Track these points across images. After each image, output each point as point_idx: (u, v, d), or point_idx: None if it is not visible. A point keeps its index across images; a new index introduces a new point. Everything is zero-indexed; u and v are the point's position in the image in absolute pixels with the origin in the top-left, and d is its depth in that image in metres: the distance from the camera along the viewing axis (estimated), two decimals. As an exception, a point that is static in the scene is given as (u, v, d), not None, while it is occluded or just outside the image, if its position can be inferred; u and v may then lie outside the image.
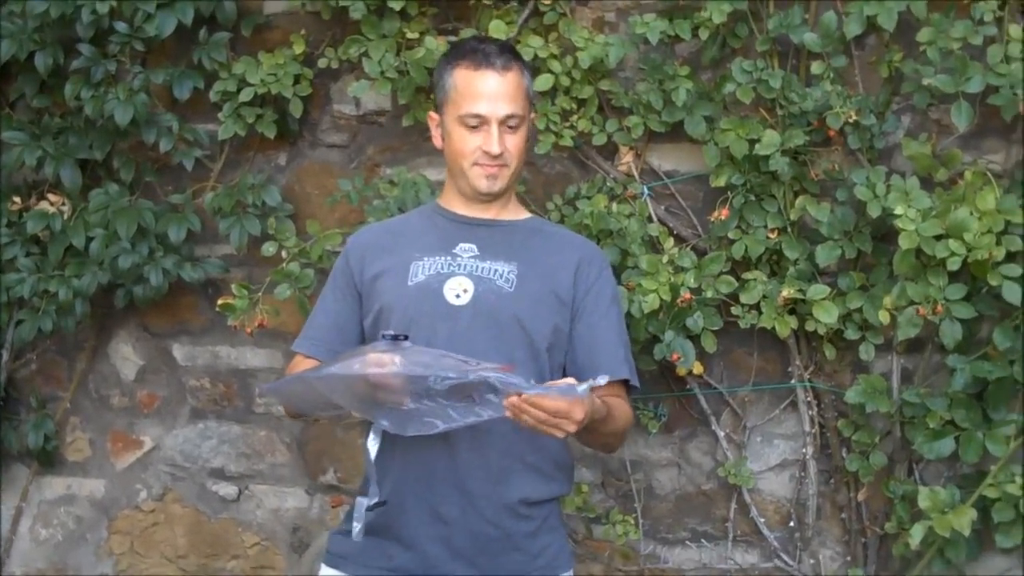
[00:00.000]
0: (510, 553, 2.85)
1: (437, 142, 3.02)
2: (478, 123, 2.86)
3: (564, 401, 2.49)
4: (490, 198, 2.94)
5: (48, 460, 4.45)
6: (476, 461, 2.81)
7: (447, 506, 2.81)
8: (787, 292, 3.50)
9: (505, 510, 2.83)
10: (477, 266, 2.86)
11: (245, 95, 3.94)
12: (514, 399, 2.48)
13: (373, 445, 2.68)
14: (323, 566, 2.97)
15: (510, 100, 2.87)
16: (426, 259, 2.89)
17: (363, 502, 2.69)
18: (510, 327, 2.81)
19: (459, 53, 2.95)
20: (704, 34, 3.58)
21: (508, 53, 2.93)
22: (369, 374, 2.54)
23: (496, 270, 2.86)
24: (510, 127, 2.88)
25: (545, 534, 2.90)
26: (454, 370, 2.49)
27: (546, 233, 3.03)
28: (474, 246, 2.91)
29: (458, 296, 2.83)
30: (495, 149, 2.85)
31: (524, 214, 3.07)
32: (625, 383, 2.93)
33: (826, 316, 3.48)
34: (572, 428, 2.53)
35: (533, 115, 3.08)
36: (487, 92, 2.86)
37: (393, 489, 2.81)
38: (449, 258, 2.89)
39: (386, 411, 2.58)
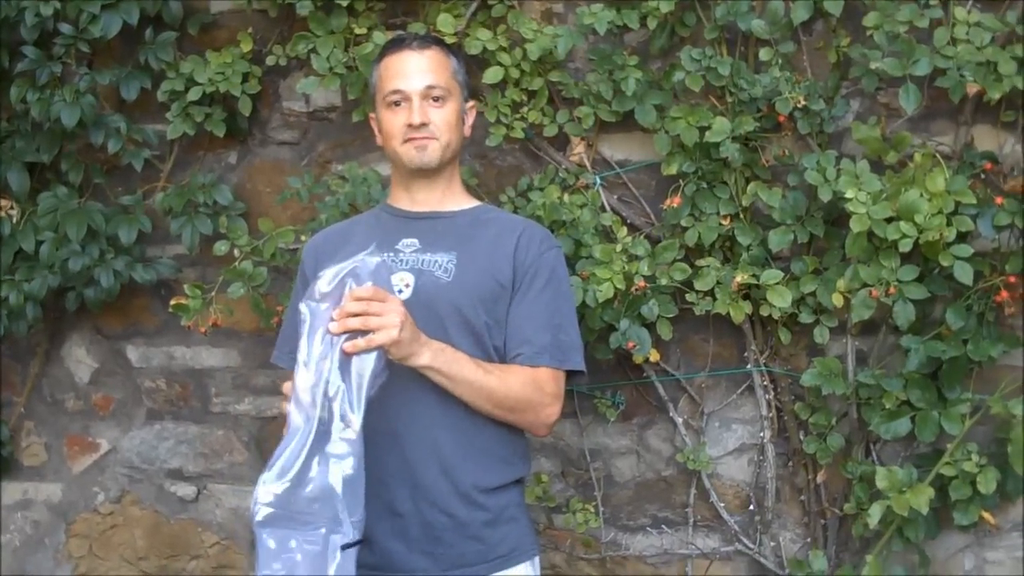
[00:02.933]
0: (466, 542, 2.85)
1: (378, 140, 3.06)
2: (400, 99, 2.92)
3: (371, 288, 2.55)
4: (427, 174, 2.96)
5: (3, 466, 4.42)
6: (425, 453, 2.82)
7: (400, 500, 2.82)
8: (741, 278, 3.52)
9: (457, 498, 2.83)
10: (419, 259, 2.87)
11: (193, 94, 3.92)
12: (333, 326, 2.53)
13: (337, 477, 2.56)
14: None
15: (430, 71, 2.93)
16: None
17: (336, 541, 2.56)
18: (450, 316, 2.83)
19: (383, 49, 3.04)
20: (652, 23, 3.59)
21: (428, 39, 3.01)
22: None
23: (436, 261, 2.88)
24: (434, 99, 2.92)
25: (504, 524, 2.90)
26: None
27: (488, 220, 3.03)
28: (416, 240, 2.93)
29: (400, 292, 2.83)
30: (416, 119, 2.89)
31: (469, 203, 3.07)
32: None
33: (780, 300, 3.50)
34: (396, 320, 2.56)
35: (471, 103, 3.08)
36: (404, 69, 2.93)
37: None
38: (392, 254, 2.90)
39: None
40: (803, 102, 3.46)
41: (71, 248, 3.97)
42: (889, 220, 3.30)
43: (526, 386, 2.84)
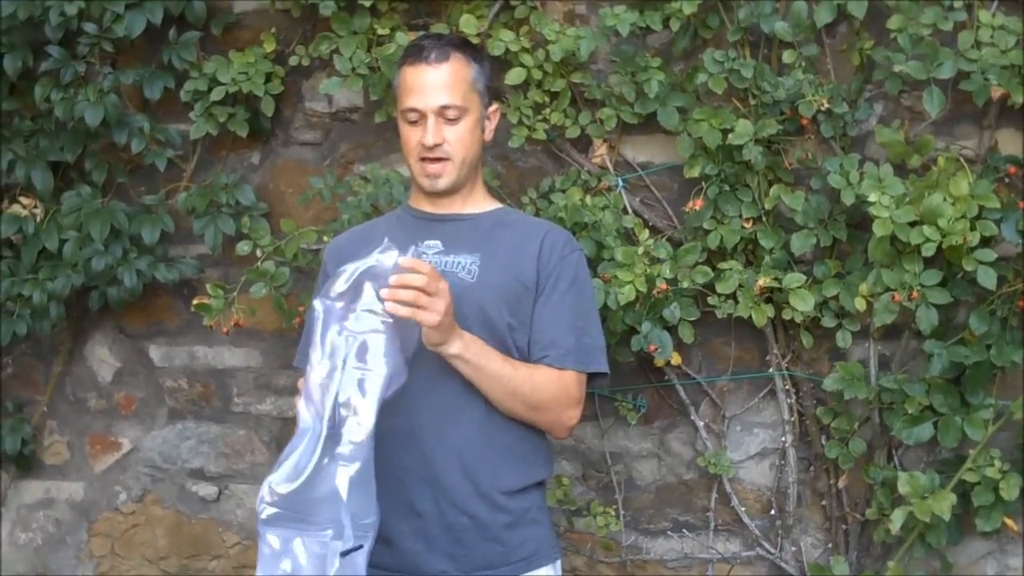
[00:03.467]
0: (487, 544, 2.84)
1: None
2: (417, 117, 2.89)
3: (430, 268, 2.62)
4: (442, 194, 2.96)
5: (26, 464, 4.43)
6: (447, 454, 2.82)
7: (421, 500, 2.82)
8: (763, 281, 3.50)
9: (479, 500, 2.83)
10: (441, 261, 2.86)
11: (216, 94, 3.92)
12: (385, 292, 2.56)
13: (344, 480, 2.55)
14: None
15: (445, 90, 2.88)
16: None
17: (336, 547, 2.55)
18: (474, 316, 2.82)
19: (405, 52, 2.99)
20: (675, 25, 3.58)
21: (449, 46, 2.93)
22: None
23: (459, 263, 2.88)
24: (449, 119, 2.89)
25: (525, 526, 2.90)
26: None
27: (510, 222, 3.02)
28: (439, 242, 2.92)
29: None
30: (428, 140, 2.87)
31: (491, 205, 3.07)
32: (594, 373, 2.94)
33: (802, 304, 3.49)
34: (442, 306, 2.60)
35: (494, 107, 3.03)
36: (420, 85, 2.89)
37: None
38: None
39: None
40: (826, 105, 3.45)
41: (94, 247, 3.99)
42: (912, 224, 3.28)
43: (551, 386, 2.84)
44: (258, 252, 3.89)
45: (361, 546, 2.53)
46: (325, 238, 3.77)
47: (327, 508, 2.49)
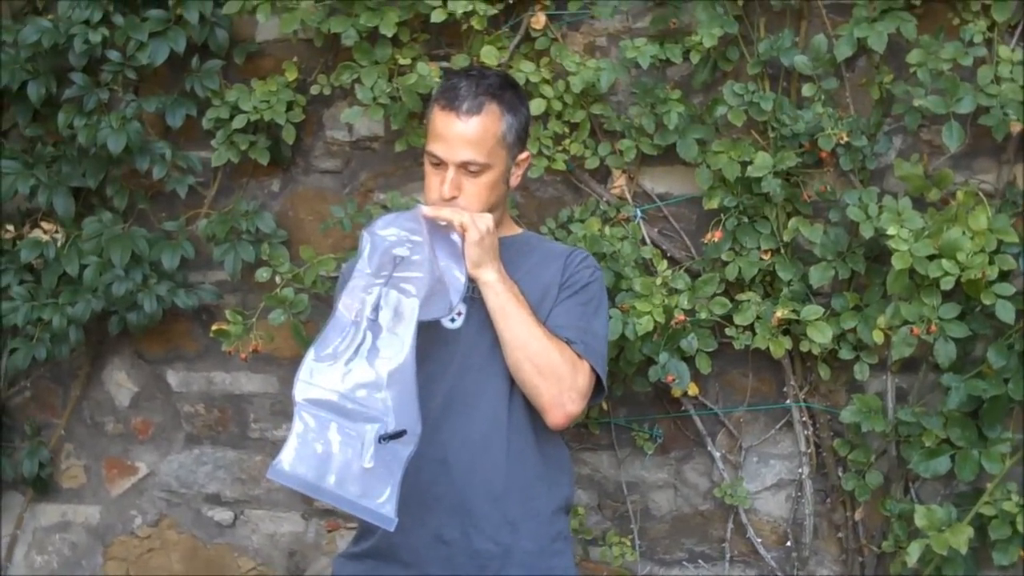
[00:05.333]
0: (512, 571, 2.85)
1: None
2: (439, 163, 2.86)
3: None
4: None
5: (43, 487, 4.44)
6: (476, 481, 2.83)
7: (448, 528, 2.83)
8: (781, 313, 3.51)
9: (507, 527, 2.84)
10: (469, 287, 2.85)
11: (238, 122, 3.93)
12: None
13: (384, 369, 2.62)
14: None
15: (470, 146, 2.83)
16: None
17: (371, 437, 2.57)
18: (494, 335, 2.83)
19: (441, 88, 2.94)
20: (695, 57, 3.59)
21: (484, 96, 2.86)
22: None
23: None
24: (471, 171, 2.84)
25: (550, 557, 2.91)
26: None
27: (534, 247, 3.04)
28: None
29: (453, 320, 2.86)
30: (445, 192, 2.83)
31: (515, 230, 3.09)
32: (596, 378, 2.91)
33: (820, 336, 3.50)
34: (483, 226, 2.77)
35: (524, 155, 2.97)
36: (446, 135, 2.84)
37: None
38: None
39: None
40: (845, 138, 3.46)
41: (115, 273, 4.00)
42: (931, 258, 3.30)
43: (564, 356, 2.81)
44: (277, 279, 3.89)
45: (404, 432, 2.55)
46: (344, 266, 3.78)
47: (368, 393, 2.55)
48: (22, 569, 4.54)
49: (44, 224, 4.18)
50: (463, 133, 2.82)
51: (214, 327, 3.88)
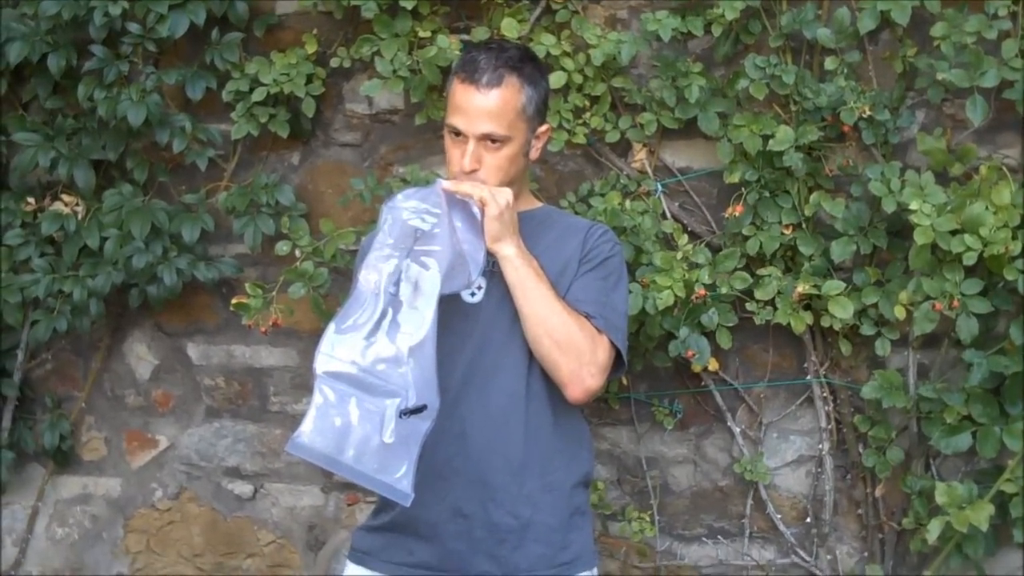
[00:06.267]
0: (531, 545, 2.85)
1: None
2: (459, 135, 2.86)
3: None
4: None
5: (64, 460, 4.45)
6: (495, 454, 2.84)
7: (467, 502, 2.83)
8: (802, 288, 3.50)
9: (525, 500, 2.85)
10: (489, 261, 2.85)
11: (258, 95, 3.93)
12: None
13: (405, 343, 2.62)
14: (347, 563, 3.00)
15: (490, 119, 2.83)
16: None
17: (392, 412, 2.58)
18: (513, 307, 2.84)
19: (461, 61, 2.94)
20: (717, 30, 3.58)
21: (504, 68, 2.86)
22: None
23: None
24: (491, 144, 2.84)
25: (570, 531, 2.91)
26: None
27: (555, 221, 3.04)
28: None
29: (473, 294, 2.87)
30: (466, 165, 2.83)
31: (535, 204, 3.09)
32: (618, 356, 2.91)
33: (841, 312, 3.48)
34: (503, 201, 2.77)
35: (544, 127, 2.97)
36: (466, 107, 2.84)
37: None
38: None
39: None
40: (868, 112, 3.44)
41: (135, 245, 4.01)
42: (953, 233, 3.28)
43: (583, 330, 2.81)
44: (297, 252, 3.90)
45: (424, 406, 2.55)
46: (363, 239, 3.78)
47: (388, 367, 2.56)
48: (43, 541, 4.56)
49: (64, 197, 4.19)
50: (483, 105, 2.83)
51: (234, 300, 3.88)
